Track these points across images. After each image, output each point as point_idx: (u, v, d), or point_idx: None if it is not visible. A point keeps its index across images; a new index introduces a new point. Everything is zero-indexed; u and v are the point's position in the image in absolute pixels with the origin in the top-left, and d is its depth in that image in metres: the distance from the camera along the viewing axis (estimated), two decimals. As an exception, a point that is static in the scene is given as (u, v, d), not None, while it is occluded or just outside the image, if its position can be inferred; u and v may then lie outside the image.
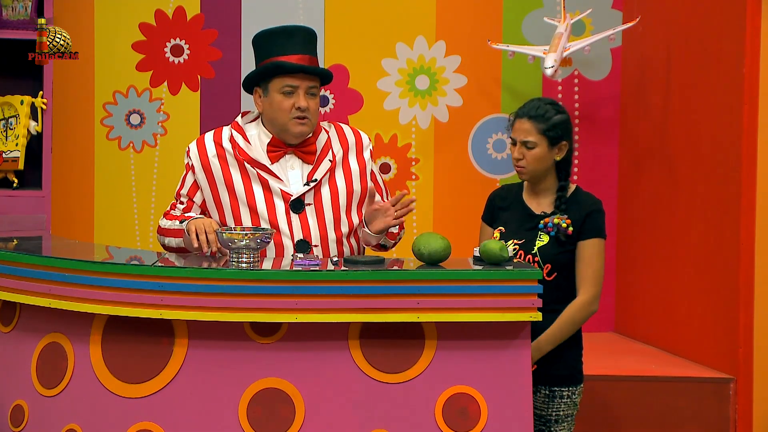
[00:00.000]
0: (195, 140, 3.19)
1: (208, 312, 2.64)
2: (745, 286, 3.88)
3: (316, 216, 3.12)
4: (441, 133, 4.89)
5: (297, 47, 3.10)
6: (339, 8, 4.83)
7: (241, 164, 3.11)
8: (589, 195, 3.18)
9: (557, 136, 3.10)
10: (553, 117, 3.10)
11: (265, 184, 3.10)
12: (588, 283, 3.08)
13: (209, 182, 3.12)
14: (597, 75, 4.91)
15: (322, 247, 3.11)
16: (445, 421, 2.69)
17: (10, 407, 2.87)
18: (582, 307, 3.07)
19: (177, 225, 3.08)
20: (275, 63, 3.08)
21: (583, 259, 3.08)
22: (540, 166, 3.13)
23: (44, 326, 2.84)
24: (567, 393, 3.10)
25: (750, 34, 3.84)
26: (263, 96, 3.13)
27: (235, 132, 3.15)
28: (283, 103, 3.08)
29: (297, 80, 3.08)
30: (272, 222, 3.08)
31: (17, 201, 4.26)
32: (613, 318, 4.93)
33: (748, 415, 3.91)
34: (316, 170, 3.13)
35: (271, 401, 2.68)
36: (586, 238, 3.08)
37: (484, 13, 4.86)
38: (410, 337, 2.70)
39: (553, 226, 3.08)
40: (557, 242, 3.08)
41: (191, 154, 3.16)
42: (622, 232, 4.87)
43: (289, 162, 3.14)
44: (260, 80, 3.12)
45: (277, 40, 3.11)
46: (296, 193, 3.10)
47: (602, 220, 3.13)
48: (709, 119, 4.14)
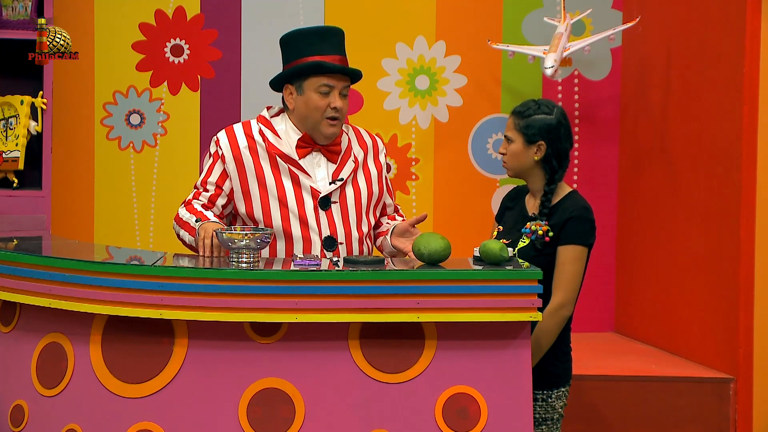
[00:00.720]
0: (223, 130, 3.22)
1: (208, 312, 2.64)
2: (745, 286, 3.88)
3: (341, 214, 3.17)
4: (441, 133, 4.89)
5: (334, 48, 3.18)
6: (339, 8, 4.83)
7: (273, 158, 3.15)
8: (578, 201, 3.11)
9: (532, 134, 3.09)
10: (533, 115, 3.10)
11: (296, 179, 3.14)
12: (559, 288, 3.04)
13: (239, 173, 3.15)
14: (597, 75, 4.91)
15: (347, 244, 3.17)
16: (445, 421, 2.69)
17: (10, 407, 2.87)
18: (551, 312, 3.01)
19: (193, 221, 3.10)
20: (316, 62, 3.12)
21: (559, 264, 3.05)
22: (518, 162, 3.13)
23: (44, 326, 2.84)
24: (541, 396, 3.09)
25: (750, 34, 3.84)
26: (297, 94, 3.17)
27: (263, 126, 3.20)
28: (319, 102, 3.13)
29: (334, 80, 3.14)
30: (302, 217, 3.12)
31: (17, 201, 4.26)
32: (613, 318, 4.93)
33: (748, 415, 3.91)
34: (341, 169, 3.20)
35: (271, 401, 2.68)
36: (564, 244, 3.05)
37: (484, 13, 4.86)
38: (410, 337, 2.70)
39: (531, 233, 3.08)
40: (535, 247, 3.07)
41: (221, 144, 3.18)
42: (622, 232, 4.87)
43: (315, 159, 3.19)
44: (294, 78, 3.16)
45: (313, 39, 3.16)
46: (325, 190, 3.15)
47: (586, 227, 3.06)
48: (709, 119, 4.13)
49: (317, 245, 3.13)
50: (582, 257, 3.05)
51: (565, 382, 3.13)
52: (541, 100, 3.16)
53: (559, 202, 3.12)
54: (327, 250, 3.13)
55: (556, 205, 3.11)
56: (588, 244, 3.07)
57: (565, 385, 3.13)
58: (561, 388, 3.11)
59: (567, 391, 3.14)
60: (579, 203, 3.10)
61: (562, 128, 3.12)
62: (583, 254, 3.06)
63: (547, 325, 3.00)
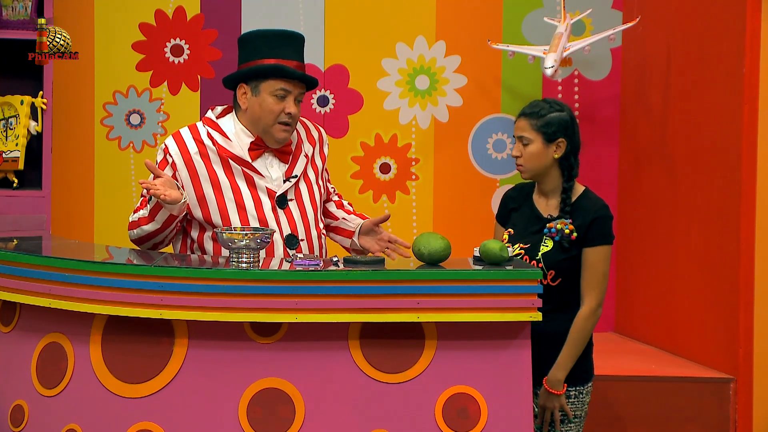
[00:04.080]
0: (171, 137, 3.17)
1: (208, 312, 2.64)
2: (745, 286, 3.88)
3: (299, 211, 3.17)
4: (441, 133, 4.89)
5: (295, 53, 3.15)
6: (339, 8, 4.83)
7: (225, 161, 3.13)
8: (597, 199, 3.16)
9: (552, 133, 3.10)
10: (548, 114, 3.11)
11: (250, 181, 3.12)
12: (593, 290, 3.07)
13: (192, 179, 3.12)
14: (597, 75, 4.91)
15: (308, 240, 3.16)
16: (445, 421, 2.69)
17: (10, 407, 2.87)
18: (588, 316, 3.07)
19: (143, 211, 3.07)
20: (278, 65, 3.09)
21: (589, 267, 3.07)
22: (538, 163, 3.12)
23: (44, 326, 2.84)
24: (574, 392, 3.10)
25: (750, 34, 3.84)
26: (251, 94, 3.14)
27: (211, 129, 3.16)
28: (274, 105, 3.11)
29: (292, 85, 3.12)
30: (260, 218, 3.11)
31: (17, 201, 4.26)
32: (613, 318, 4.93)
33: (748, 415, 3.91)
34: (293, 167, 3.19)
35: (271, 401, 2.68)
36: (592, 245, 3.07)
37: (484, 13, 4.86)
38: (410, 337, 2.70)
39: (556, 232, 3.08)
40: (561, 248, 3.07)
41: (171, 151, 3.13)
42: (622, 232, 4.87)
43: (267, 160, 3.18)
44: (251, 78, 3.13)
45: (273, 42, 3.13)
46: (280, 189, 3.14)
47: (609, 225, 3.11)
48: (709, 119, 4.13)
49: (279, 244, 3.11)
50: (609, 255, 3.10)
51: (591, 377, 3.17)
52: (549, 99, 3.18)
53: (576, 201, 3.13)
54: (289, 248, 3.12)
55: (573, 204, 3.13)
56: (612, 242, 3.12)
57: (592, 380, 3.18)
58: (589, 383, 3.15)
59: (592, 386, 3.17)
60: (598, 203, 3.14)
61: (575, 124, 3.17)
62: (609, 252, 3.10)
63: (585, 328, 3.06)
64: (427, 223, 4.89)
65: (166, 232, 3.07)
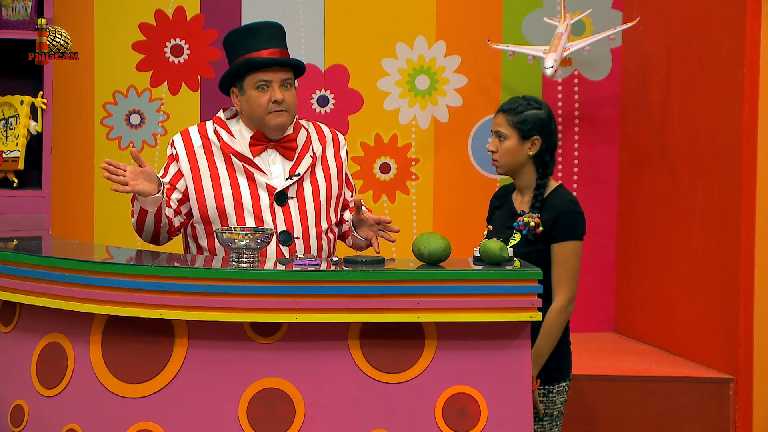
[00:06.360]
0: (179, 133, 3.23)
1: (208, 312, 2.64)
2: (745, 286, 3.88)
3: (299, 210, 3.16)
4: (441, 133, 4.89)
5: (266, 42, 3.15)
6: (339, 8, 4.83)
7: (227, 156, 3.15)
8: (566, 195, 3.15)
9: (528, 130, 3.12)
10: (525, 111, 3.13)
11: (250, 177, 3.14)
12: (563, 287, 3.07)
13: (193, 172, 3.15)
14: (597, 75, 4.91)
15: (304, 240, 3.16)
16: (445, 421, 2.69)
17: (10, 407, 2.87)
18: (560, 312, 3.06)
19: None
20: (246, 60, 3.12)
21: (558, 263, 3.08)
22: (512, 159, 3.15)
23: (44, 326, 2.84)
24: (542, 391, 3.10)
25: (750, 34, 3.84)
26: (240, 94, 3.17)
27: (218, 126, 3.20)
28: (259, 98, 3.12)
29: (270, 74, 3.12)
30: (257, 214, 3.11)
31: (17, 201, 4.26)
32: (613, 318, 4.93)
33: (748, 415, 3.91)
34: (298, 165, 3.19)
35: (271, 401, 2.68)
36: (560, 241, 3.08)
37: (484, 13, 4.86)
38: (410, 337, 2.70)
39: (523, 225, 3.10)
40: (527, 241, 3.09)
41: (176, 145, 3.20)
42: (622, 232, 4.87)
43: (270, 156, 3.19)
44: (235, 80, 3.17)
45: (246, 38, 3.16)
46: (280, 185, 3.14)
47: (577, 220, 3.10)
48: (709, 119, 4.14)
49: (273, 241, 3.11)
50: (578, 251, 3.09)
51: (565, 377, 3.15)
52: (527, 96, 3.21)
53: (547, 196, 3.15)
54: (283, 246, 3.12)
55: (544, 199, 3.14)
56: (581, 237, 3.11)
57: (566, 380, 3.15)
58: (561, 383, 3.13)
59: (567, 386, 3.16)
60: (565, 197, 3.14)
61: (552, 122, 3.18)
62: (578, 248, 3.09)
63: (556, 323, 3.05)
64: (427, 223, 4.89)
65: (149, 226, 3.07)
